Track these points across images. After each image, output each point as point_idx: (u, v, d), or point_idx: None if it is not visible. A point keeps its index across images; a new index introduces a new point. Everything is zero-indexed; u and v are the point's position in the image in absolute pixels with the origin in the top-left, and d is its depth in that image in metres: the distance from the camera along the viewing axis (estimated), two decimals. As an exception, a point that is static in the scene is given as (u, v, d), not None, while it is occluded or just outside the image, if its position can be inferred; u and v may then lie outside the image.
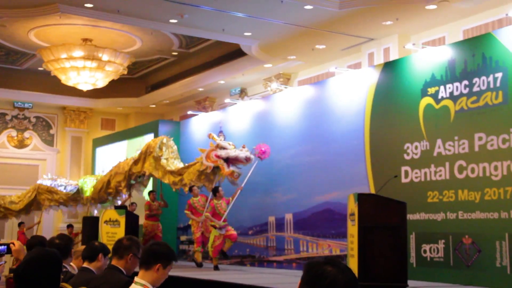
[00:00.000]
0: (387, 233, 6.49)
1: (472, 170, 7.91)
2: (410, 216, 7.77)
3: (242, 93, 15.14)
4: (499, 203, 7.54)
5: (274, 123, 11.64)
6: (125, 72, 14.56)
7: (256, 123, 12.15)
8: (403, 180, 8.79)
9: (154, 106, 17.83)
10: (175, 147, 12.37)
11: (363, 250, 6.36)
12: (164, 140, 12.18)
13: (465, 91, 8.07)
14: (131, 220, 11.55)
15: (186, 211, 11.04)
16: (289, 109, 11.39)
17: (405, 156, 8.80)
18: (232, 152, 10.45)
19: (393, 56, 10.73)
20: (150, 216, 12.28)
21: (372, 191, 9.01)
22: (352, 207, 6.69)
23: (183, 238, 13.77)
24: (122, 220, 11.53)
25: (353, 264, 6.42)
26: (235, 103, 13.58)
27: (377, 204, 6.60)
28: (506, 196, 7.48)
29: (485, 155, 7.75)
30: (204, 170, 10.92)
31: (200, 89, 15.69)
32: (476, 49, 8.05)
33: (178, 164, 11.94)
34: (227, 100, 14.09)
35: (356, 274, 6.36)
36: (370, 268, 6.25)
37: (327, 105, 10.53)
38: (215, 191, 10.50)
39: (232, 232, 10.31)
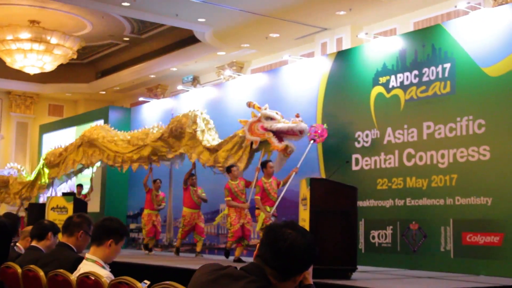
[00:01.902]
0: (338, 217, 6.55)
1: (420, 158, 8.11)
2: (360, 203, 7.89)
3: (195, 80, 15.05)
4: (444, 190, 7.76)
5: (226, 110, 11.60)
6: (75, 57, 14.25)
7: (209, 110, 12.01)
8: (354, 167, 8.93)
9: (104, 92, 17.52)
10: (211, 120, 10.34)
11: (314, 234, 6.38)
12: (198, 113, 10.20)
13: (415, 81, 8.25)
14: (79, 207, 11.32)
15: (226, 198, 9.06)
16: (242, 97, 11.36)
17: (356, 144, 8.92)
18: (284, 124, 8.56)
19: (345, 47, 10.87)
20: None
21: (323, 178, 9.10)
22: (304, 191, 6.74)
23: (132, 226, 13.60)
24: (70, 207, 11.29)
25: (304, 248, 6.46)
26: (188, 90, 13.48)
27: (329, 189, 6.65)
28: (452, 183, 7.71)
29: (433, 144, 7.95)
30: (245, 146, 9.08)
31: (152, 76, 15.52)
32: (426, 40, 8.23)
33: (215, 139, 9.98)
34: (179, 87, 13.97)
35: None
36: (321, 252, 6.23)
37: (280, 93, 10.57)
38: (263, 165, 8.64)
39: None
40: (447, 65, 7.87)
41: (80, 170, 13.03)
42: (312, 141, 8.72)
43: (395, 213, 8.31)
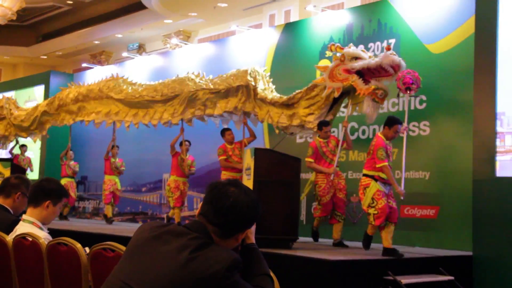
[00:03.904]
0: (281, 188, 6.60)
1: (363, 132, 8.25)
2: (303, 175, 7.97)
3: (140, 48, 14.76)
4: (385, 164, 7.92)
5: (172, 79, 11.43)
6: (14, 18, 13.65)
7: (155, 79, 11.84)
8: (298, 140, 9.01)
9: (45, 57, 16.96)
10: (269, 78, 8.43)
11: (257, 204, 6.44)
12: (257, 68, 8.30)
13: (361, 55, 8.33)
14: (17, 173, 10.99)
15: (308, 159, 7.20)
16: (188, 66, 11.20)
17: (301, 117, 8.98)
18: (369, 60, 6.70)
19: (293, 19, 10.87)
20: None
21: (268, 149, 9.12)
22: (249, 161, 6.76)
23: (73, 194, 13.34)
24: (7, 173, 10.95)
25: (246, 217, 6.50)
26: (133, 58, 13.21)
27: (273, 159, 6.69)
28: (393, 157, 7.87)
29: (376, 118, 8.07)
30: (326, 96, 7.18)
31: (96, 42, 15.12)
32: (373, 15, 8.32)
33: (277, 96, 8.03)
34: (124, 55, 13.67)
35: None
36: (263, 221, 6.35)
37: (227, 63, 10.48)
38: (392, 122, 6.30)
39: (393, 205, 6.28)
40: (392, 41, 7.99)
41: None
42: (408, 92, 6.73)
43: (336, 186, 8.43)
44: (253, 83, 8.09)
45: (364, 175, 6.29)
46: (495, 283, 6.32)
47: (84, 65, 14.24)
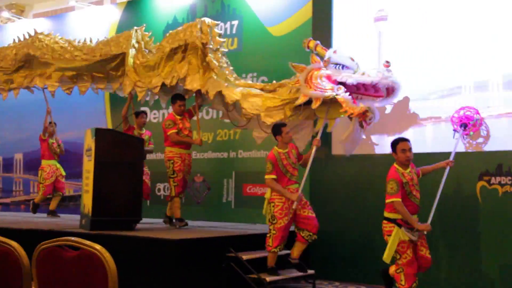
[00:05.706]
0: (123, 169, 6.44)
1: (207, 113, 8.31)
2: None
3: (-34, 21, 13.48)
4: (229, 144, 8.08)
5: (4, 56, 10.59)
6: None
7: (-17, 55, 10.92)
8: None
9: None
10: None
11: (99, 186, 6.24)
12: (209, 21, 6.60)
13: (204, 36, 8.35)
14: None
15: (269, 176, 5.62)
16: (22, 42, 10.47)
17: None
18: (366, 78, 5.71)
19: (136, -4, 10.59)
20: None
21: (110, 130, 8.84)
22: (89, 142, 6.49)
23: None
24: None
25: (87, 199, 6.28)
26: (-43, 31, 12.02)
27: (115, 139, 6.50)
28: (236, 137, 8.05)
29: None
30: (302, 106, 5.86)
31: None
32: (216, -4, 8.38)
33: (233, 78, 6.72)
34: None
35: (90, 210, 6.14)
36: (105, 204, 6.18)
37: (65, 40, 9.95)
38: (394, 144, 5.10)
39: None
40: (235, 22, 8.11)
41: None
42: (462, 129, 5.71)
43: (181, 166, 8.43)
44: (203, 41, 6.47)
45: (385, 218, 5.04)
46: (329, 254, 6.74)
47: None
